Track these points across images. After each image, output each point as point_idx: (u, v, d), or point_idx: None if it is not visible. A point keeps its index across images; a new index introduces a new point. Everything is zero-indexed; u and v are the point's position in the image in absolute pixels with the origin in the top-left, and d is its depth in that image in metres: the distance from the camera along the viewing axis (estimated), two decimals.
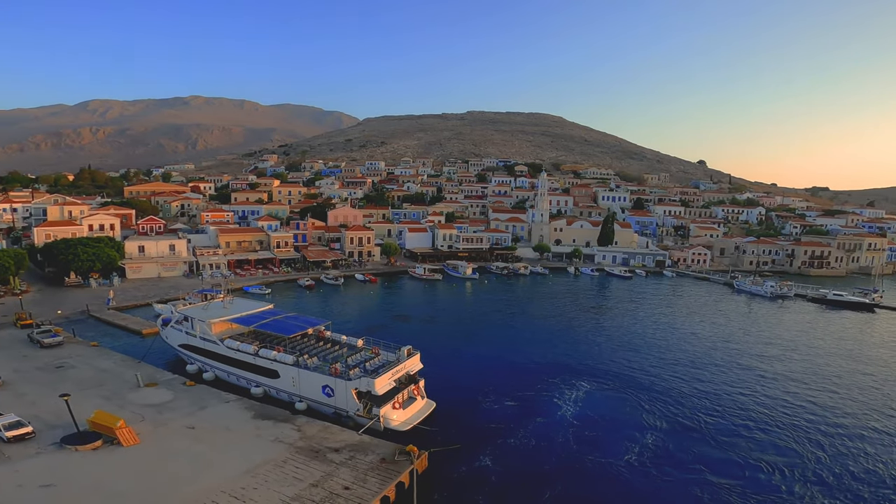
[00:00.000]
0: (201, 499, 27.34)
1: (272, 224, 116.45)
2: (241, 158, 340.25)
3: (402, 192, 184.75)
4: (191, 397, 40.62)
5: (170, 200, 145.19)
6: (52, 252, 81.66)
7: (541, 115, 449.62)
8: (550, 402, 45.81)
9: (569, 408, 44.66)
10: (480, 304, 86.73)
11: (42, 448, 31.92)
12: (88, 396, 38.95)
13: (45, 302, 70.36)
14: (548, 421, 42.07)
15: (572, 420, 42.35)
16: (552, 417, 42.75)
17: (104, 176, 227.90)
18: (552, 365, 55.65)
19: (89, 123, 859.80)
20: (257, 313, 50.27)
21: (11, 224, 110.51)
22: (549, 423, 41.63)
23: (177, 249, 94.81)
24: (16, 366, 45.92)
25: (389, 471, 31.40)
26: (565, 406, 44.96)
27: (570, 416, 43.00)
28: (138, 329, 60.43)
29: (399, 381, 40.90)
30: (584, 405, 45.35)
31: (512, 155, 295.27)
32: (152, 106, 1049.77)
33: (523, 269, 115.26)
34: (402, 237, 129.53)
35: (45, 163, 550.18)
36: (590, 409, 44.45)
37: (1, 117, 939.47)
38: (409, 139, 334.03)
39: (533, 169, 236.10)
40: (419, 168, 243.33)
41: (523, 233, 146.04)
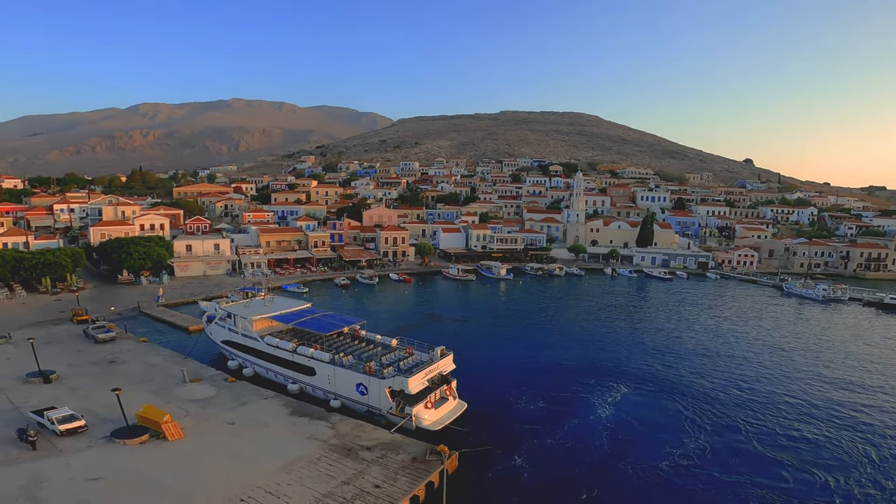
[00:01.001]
0: (238, 494, 28.20)
1: (310, 224, 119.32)
2: (281, 159, 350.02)
3: (436, 192, 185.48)
4: (232, 393, 42.10)
5: (214, 201, 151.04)
6: (107, 251, 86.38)
7: (575, 115, 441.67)
8: (586, 403, 45.12)
9: (605, 410, 43.89)
10: (514, 304, 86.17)
11: (93, 441, 33.41)
12: (137, 391, 40.75)
13: (100, 298, 74.26)
14: (582, 423, 41.47)
15: (608, 422, 41.58)
16: (587, 419, 42.10)
17: (154, 177, 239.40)
18: (588, 366, 54.81)
19: (140, 126, 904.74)
20: (296, 311, 51.57)
21: (69, 224, 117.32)
22: (584, 426, 41.01)
23: (221, 248, 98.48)
24: (71, 360, 48.43)
25: (420, 470, 31.65)
26: (601, 408, 44.20)
27: (605, 419, 42.24)
28: (185, 326, 63.08)
29: (432, 380, 41.19)
30: (621, 408, 44.47)
31: (546, 155, 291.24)
32: (197, 109, 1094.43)
33: (558, 269, 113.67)
34: (436, 237, 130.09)
35: (100, 165, 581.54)
36: (627, 412, 43.55)
37: (59, 121, 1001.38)
38: (442, 139, 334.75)
39: (568, 169, 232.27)
40: (453, 168, 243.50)
41: (558, 233, 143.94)
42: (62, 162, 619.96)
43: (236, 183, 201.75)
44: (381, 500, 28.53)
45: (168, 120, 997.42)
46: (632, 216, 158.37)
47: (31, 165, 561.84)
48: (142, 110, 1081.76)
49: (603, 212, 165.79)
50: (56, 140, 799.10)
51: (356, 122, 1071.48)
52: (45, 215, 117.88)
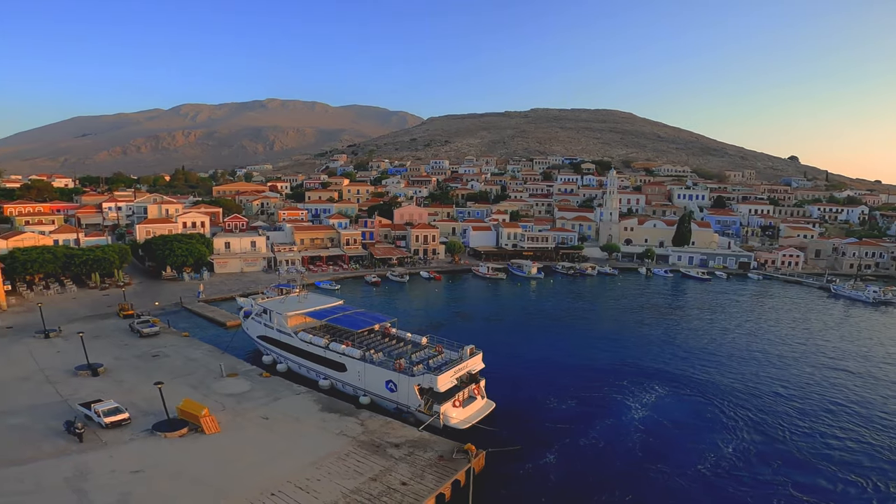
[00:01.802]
0: (270, 488, 28.90)
1: (342, 222, 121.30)
2: (314, 158, 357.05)
3: (466, 190, 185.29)
4: (266, 388, 43.23)
5: (251, 199, 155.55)
6: (151, 247, 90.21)
7: (608, 112, 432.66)
8: (618, 404, 44.36)
9: (638, 411, 43.05)
10: (545, 303, 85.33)
11: (135, 434, 34.70)
12: (178, 385, 42.25)
13: (145, 294, 77.57)
14: (615, 424, 40.77)
15: (642, 424, 40.76)
16: (620, 420, 41.38)
17: (195, 176, 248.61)
18: (621, 367, 53.81)
19: (182, 127, 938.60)
20: (329, 308, 52.40)
21: (117, 221, 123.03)
22: (616, 427, 40.33)
23: (257, 246, 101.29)
24: (117, 353, 50.58)
25: (446, 468, 31.80)
26: (635, 410, 43.34)
27: (639, 420, 41.43)
28: (223, 321, 65.10)
29: (460, 379, 41.31)
30: (656, 409, 43.51)
31: (578, 153, 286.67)
32: (235, 109, 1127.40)
33: (590, 269, 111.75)
34: (466, 235, 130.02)
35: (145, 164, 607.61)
36: (662, 414, 42.57)
37: (107, 122, 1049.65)
38: (472, 138, 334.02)
39: (601, 166, 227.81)
40: (483, 166, 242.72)
41: (591, 232, 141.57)
42: (110, 162, 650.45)
43: (272, 182, 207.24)
44: (407, 498, 28.79)
45: (208, 120, 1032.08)
46: (668, 215, 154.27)
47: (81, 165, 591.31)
48: (183, 111, 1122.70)
49: (637, 210, 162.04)
50: (104, 141, 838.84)
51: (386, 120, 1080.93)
52: (94, 213, 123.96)
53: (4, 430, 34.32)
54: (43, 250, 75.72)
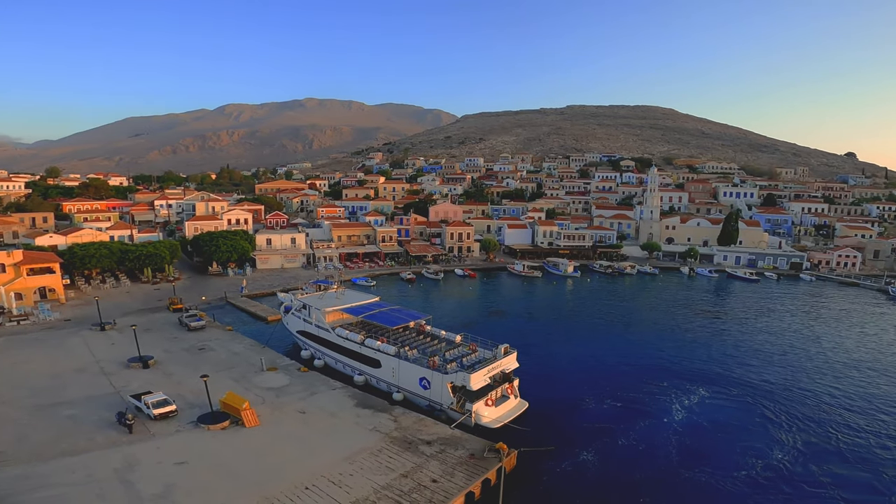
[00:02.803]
0: (304, 482, 29.65)
1: (378, 219, 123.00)
2: (351, 156, 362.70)
3: (501, 188, 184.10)
4: (304, 383, 44.38)
5: (291, 197, 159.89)
6: (199, 243, 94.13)
7: (648, 108, 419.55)
8: (658, 406, 43.32)
9: (679, 413, 41.97)
10: (581, 302, 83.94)
11: (181, 426, 36.10)
12: (222, 378, 43.79)
13: (193, 288, 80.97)
14: (654, 426, 39.85)
15: (682, 426, 39.69)
16: (659, 423, 40.41)
17: (239, 175, 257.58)
18: (661, 368, 52.48)
19: (226, 127, 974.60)
20: (365, 304, 53.34)
21: (167, 218, 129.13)
22: (655, 429, 39.40)
23: (297, 242, 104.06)
24: (166, 346, 52.89)
25: (477, 467, 31.85)
26: (675, 412, 42.27)
27: (679, 422, 40.36)
28: (264, 316, 67.22)
29: (494, 378, 41.25)
30: (698, 412, 42.30)
31: (617, 149, 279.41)
32: (275, 109, 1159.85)
33: (630, 268, 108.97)
34: (502, 233, 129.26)
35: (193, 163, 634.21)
36: (704, 417, 41.36)
37: (158, 122, 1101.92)
38: (507, 135, 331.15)
39: (641, 164, 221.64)
40: (518, 164, 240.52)
41: (630, 230, 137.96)
42: (161, 161, 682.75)
43: (311, 179, 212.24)
44: (437, 495, 28.99)
45: (250, 120, 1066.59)
46: (713, 213, 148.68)
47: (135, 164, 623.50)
48: (227, 111, 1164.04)
49: (680, 208, 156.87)
50: (155, 140, 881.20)
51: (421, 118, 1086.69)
52: (146, 210, 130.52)
53: (61, 421, 36.29)
54: (100, 246, 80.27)
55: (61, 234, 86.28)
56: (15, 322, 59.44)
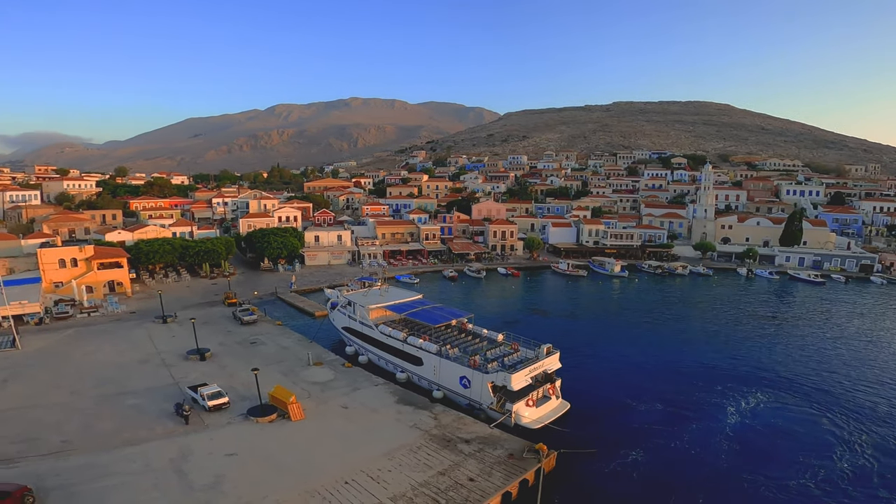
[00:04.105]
0: (344, 476, 30.35)
1: (421, 217, 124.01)
2: (394, 155, 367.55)
3: (546, 186, 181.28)
4: (347, 378, 45.48)
5: (337, 195, 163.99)
6: (252, 240, 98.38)
7: (702, 104, 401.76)
8: (710, 410, 41.81)
9: (733, 417, 40.41)
10: (628, 303, 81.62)
11: (232, 418, 37.43)
12: (271, 371, 45.47)
13: (246, 283, 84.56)
14: (704, 430, 38.46)
15: (738, 432, 38.17)
16: (710, 427, 38.96)
17: (289, 173, 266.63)
18: (713, 371, 50.55)
19: (276, 126, 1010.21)
20: (408, 302, 53.92)
21: (224, 216, 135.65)
22: (706, 433, 38.01)
23: (343, 239, 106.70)
24: (221, 339, 55.39)
25: (515, 467, 31.69)
26: (730, 415, 40.69)
27: (735, 428, 38.81)
28: (312, 311, 69.27)
29: (535, 378, 40.95)
30: (755, 417, 40.56)
31: (668, 146, 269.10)
32: (321, 108, 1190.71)
33: (681, 268, 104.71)
34: (545, 232, 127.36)
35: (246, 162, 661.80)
36: (762, 423, 39.63)
37: (214, 123, 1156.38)
38: (551, 132, 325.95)
39: (694, 161, 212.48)
40: (563, 161, 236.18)
41: (682, 230, 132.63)
42: (217, 160, 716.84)
43: (356, 178, 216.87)
44: (474, 494, 29.03)
45: (298, 119, 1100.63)
46: (774, 212, 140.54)
47: (194, 164, 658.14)
48: (277, 111, 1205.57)
49: (737, 207, 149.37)
50: (212, 140, 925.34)
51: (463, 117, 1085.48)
52: (205, 208, 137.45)
53: (125, 410, 38.52)
54: (163, 242, 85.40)
55: (128, 231, 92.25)
56: (86, 314, 64.18)
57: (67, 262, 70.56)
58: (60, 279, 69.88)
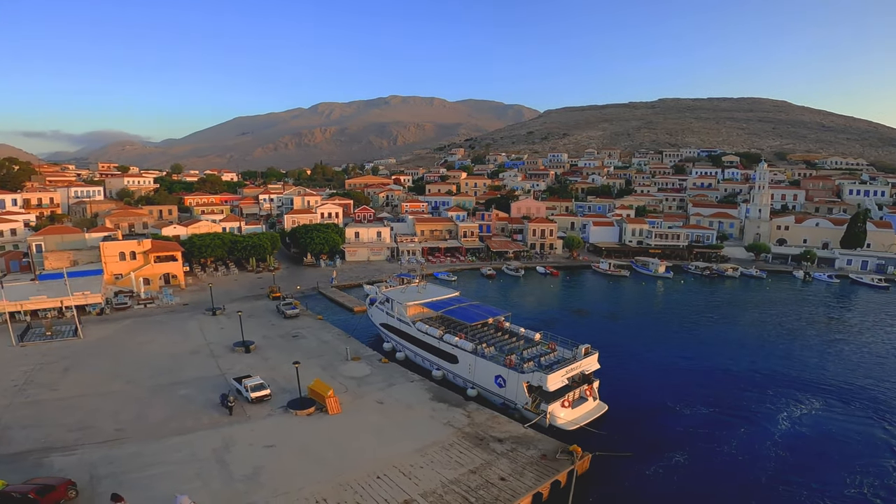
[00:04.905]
0: (376, 471, 30.84)
1: (460, 214, 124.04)
2: (433, 152, 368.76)
3: (587, 184, 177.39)
4: (384, 374, 46.16)
5: (377, 192, 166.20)
6: (296, 235, 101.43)
7: (755, 100, 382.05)
8: (758, 416, 40.28)
9: (784, 423, 38.85)
10: (673, 305, 79.06)
11: (273, 410, 38.45)
12: (311, 365, 46.58)
13: (289, 278, 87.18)
14: (751, 435, 37.14)
15: (789, 439, 36.74)
16: (758, 432, 37.60)
17: (331, 170, 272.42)
18: (764, 376, 48.63)
19: (319, 125, 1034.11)
20: (445, 299, 54.01)
21: (269, 212, 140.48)
22: (753, 438, 36.68)
23: (382, 236, 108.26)
24: (265, 332, 57.26)
25: (548, 468, 31.39)
26: (780, 422, 39.06)
27: (785, 434, 37.29)
28: (351, 307, 70.69)
29: (572, 379, 40.44)
30: (809, 424, 38.94)
31: (718, 144, 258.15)
32: (362, 107, 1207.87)
33: (731, 270, 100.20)
34: (586, 231, 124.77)
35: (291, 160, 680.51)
36: (815, 430, 38.06)
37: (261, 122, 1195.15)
38: (592, 130, 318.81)
39: (747, 159, 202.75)
40: (605, 159, 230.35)
41: (732, 230, 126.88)
42: (264, 158, 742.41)
43: (395, 175, 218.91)
44: (504, 493, 28.91)
45: (340, 118, 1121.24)
46: (835, 212, 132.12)
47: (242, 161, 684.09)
48: (320, 109, 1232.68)
49: (795, 207, 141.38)
50: (259, 138, 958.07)
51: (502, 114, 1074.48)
52: (252, 204, 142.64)
53: (175, 400, 40.20)
54: (214, 237, 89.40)
55: (183, 226, 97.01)
56: (143, 305, 68.11)
57: (127, 255, 74.98)
58: (120, 271, 74.39)
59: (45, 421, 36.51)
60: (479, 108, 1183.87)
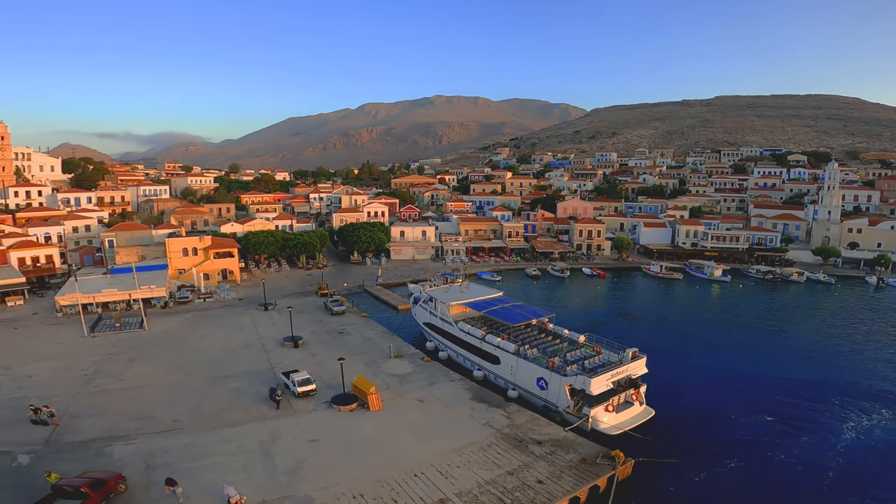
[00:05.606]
0: (414, 469, 31.11)
1: (505, 214, 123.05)
2: (478, 152, 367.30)
3: (637, 184, 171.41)
4: (425, 372, 46.55)
5: (422, 191, 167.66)
6: (343, 234, 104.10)
7: (824, 97, 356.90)
8: (820, 427, 38.31)
9: (849, 435, 36.77)
10: (730, 309, 75.44)
11: (317, 405, 39.49)
12: (355, 362, 47.51)
13: (337, 275, 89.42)
14: (811, 447, 35.39)
15: (850, 450, 34.88)
16: (819, 444, 35.83)
17: (377, 170, 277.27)
18: (830, 385, 46.06)
19: (366, 125, 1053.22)
20: (488, 300, 53.82)
21: (319, 210, 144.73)
22: (813, 451, 34.93)
23: (427, 235, 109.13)
24: (313, 328, 58.96)
25: (587, 472, 30.80)
26: (844, 433, 37.06)
27: (847, 446, 35.40)
28: (395, 305, 71.70)
29: (618, 383, 39.54)
30: (873, 435, 36.84)
31: (783, 142, 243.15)
32: (407, 107, 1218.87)
33: (796, 274, 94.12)
34: (636, 232, 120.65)
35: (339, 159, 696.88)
36: (881, 441, 36.04)
37: (311, 122, 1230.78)
38: (643, 129, 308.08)
39: (815, 158, 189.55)
40: (657, 159, 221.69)
41: (798, 233, 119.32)
42: (314, 157, 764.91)
43: (440, 174, 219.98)
44: (540, 496, 28.52)
45: (386, 118, 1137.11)
46: None
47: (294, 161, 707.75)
48: (366, 109, 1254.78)
49: (869, 209, 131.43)
50: (310, 139, 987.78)
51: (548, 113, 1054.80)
52: (303, 203, 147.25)
53: (227, 393, 41.79)
54: (268, 234, 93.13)
55: (239, 223, 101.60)
56: (202, 299, 71.91)
57: (189, 251, 79.38)
58: (183, 266, 78.92)
59: (110, 410, 38.50)
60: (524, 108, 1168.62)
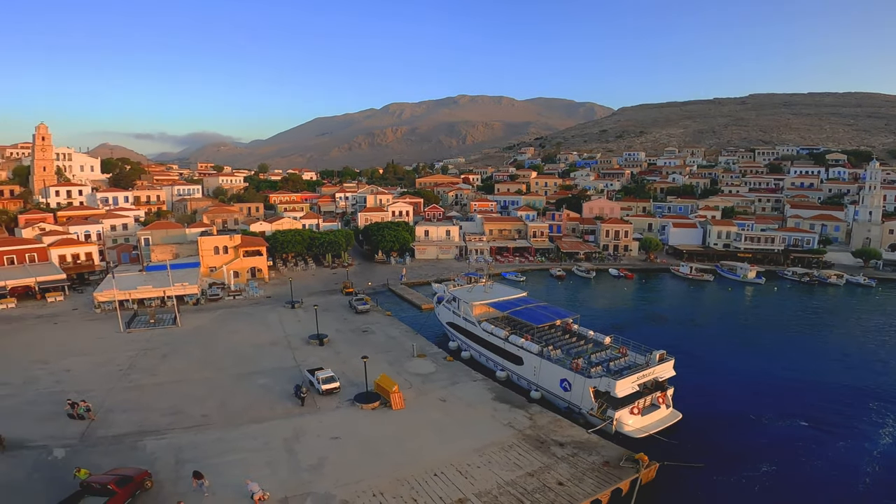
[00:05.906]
0: (434, 468, 31.16)
1: (529, 214, 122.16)
2: (502, 151, 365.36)
3: (666, 183, 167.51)
4: (448, 372, 46.61)
5: (447, 191, 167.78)
6: (368, 233, 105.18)
7: (865, 95, 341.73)
8: (855, 432, 37.14)
9: (886, 440, 35.74)
10: (764, 312, 73.35)
11: (341, 403, 39.87)
12: (378, 360, 47.82)
13: (362, 274, 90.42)
14: (845, 453, 34.43)
15: (887, 456, 33.80)
16: (853, 449, 34.81)
17: (402, 169, 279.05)
18: (868, 390, 44.63)
19: (391, 125, 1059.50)
20: (512, 300, 53.54)
21: (345, 209, 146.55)
22: (847, 456, 33.96)
23: (451, 234, 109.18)
24: (338, 326, 59.76)
25: (610, 475, 30.37)
26: (881, 438, 35.97)
27: (884, 451, 34.30)
28: (419, 304, 71.96)
29: (644, 385, 38.83)
30: None
31: (821, 141, 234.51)
32: (432, 106, 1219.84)
33: (835, 277, 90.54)
34: (665, 232, 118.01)
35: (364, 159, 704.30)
36: None
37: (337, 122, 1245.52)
38: (672, 128, 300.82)
39: (856, 157, 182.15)
40: (687, 158, 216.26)
41: (837, 234, 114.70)
42: (340, 157, 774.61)
43: (464, 174, 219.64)
44: (561, 498, 28.27)
45: (410, 118, 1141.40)
46: None
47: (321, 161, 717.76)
48: (391, 109, 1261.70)
49: None
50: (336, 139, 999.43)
51: (573, 112, 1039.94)
52: (329, 202, 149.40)
53: (254, 389, 42.44)
54: (295, 233, 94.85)
55: (267, 222, 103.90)
56: (232, 297, 73.79)
57: (220, 249, 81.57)
58: (215, 264, 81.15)
59: (142, 405, 39.47)
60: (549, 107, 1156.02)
